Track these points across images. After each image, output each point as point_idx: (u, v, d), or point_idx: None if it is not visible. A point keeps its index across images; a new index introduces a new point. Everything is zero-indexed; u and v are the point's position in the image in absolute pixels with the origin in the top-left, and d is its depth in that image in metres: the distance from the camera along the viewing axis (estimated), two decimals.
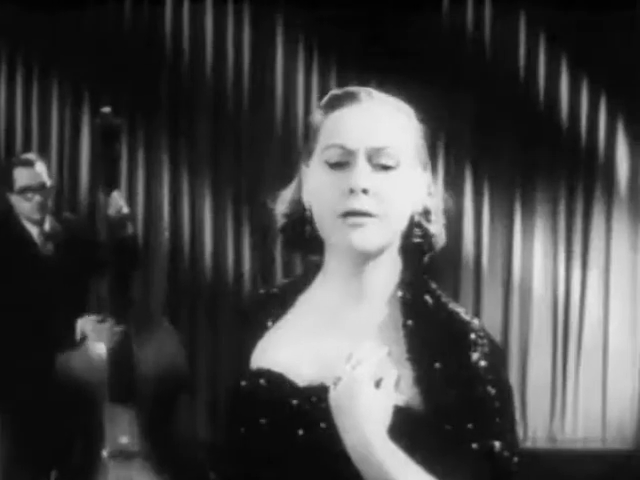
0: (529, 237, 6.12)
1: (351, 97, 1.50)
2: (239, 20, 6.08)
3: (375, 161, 1.46)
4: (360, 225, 1.44)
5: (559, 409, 6.09)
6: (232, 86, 6.08)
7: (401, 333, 1.47)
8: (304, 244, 1.57)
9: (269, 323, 1.58)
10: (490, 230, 6.14)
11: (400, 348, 1.46)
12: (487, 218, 6.14)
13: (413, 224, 1.52)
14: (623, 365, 6.07)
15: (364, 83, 1.60)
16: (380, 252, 1.49)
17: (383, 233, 1.46)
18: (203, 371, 5.92)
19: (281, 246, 1.59)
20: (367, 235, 1.45)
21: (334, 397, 1.41)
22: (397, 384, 1.41)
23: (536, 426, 6.08)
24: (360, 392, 1.39)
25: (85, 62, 5.96)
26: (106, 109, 3.71)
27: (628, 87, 5.98)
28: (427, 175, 1.54)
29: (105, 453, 3.55)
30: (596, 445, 6.06)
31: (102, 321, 3.71)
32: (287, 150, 6.00)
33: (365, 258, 1.48)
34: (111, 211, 3.74)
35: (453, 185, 5.81)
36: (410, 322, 1.48)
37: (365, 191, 1.44)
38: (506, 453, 1.41)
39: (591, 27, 5.98)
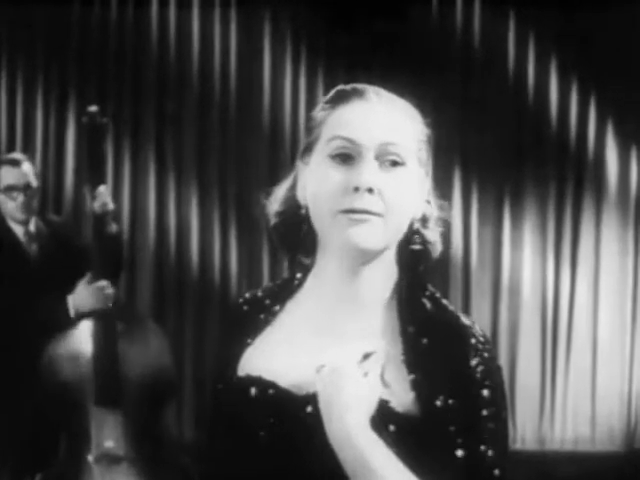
0: (518, 238, 6.11)
1: (359, 94, 1.46)
2: (226, 18, 6.05)
3: (382, 157, 1.42)
4: (361, 221, 1.40)
5: (548, 410, 6.08)
6: (219, 84, 6.05)
7: (398, 338, 1.44)
8: (296, 244, 1.53)
9: (255, 330, 1.53)
10: (479, 231, 6.12)
11: (397, 351, 1.43)
12: (476, 219, 6.12)
13: (412, 231, 1.48)
14: (612, 366, 6.07)
15: (352, 82, 1.55)
16: (379, 253, 1.45)
17: (384, 232, 1.42)
18: (190, 373, 5.88)
19: (273, 245, 1.55)
20: (368, 232, 1.40)
21: (319, 385, 1.39)
22: (382, 377, 1.39)
23: (525, 427, 6.06)
24: (344, 379, 1.37)
25: (71, 61, 5.93)
26: (93, 108, 3.70)
27: (618, 87, 5.97)
28: (428, 181, 1.51)
29: (90, 457, 3.51)
30: (585, 446, 6.05)
31: (93, 281, 3.69)
32: (274, 149, 5.99)
33: (362, 258, 1.44)
34: (96, 206, 3.72)
35: (441, 185, 5.79)
36: (409, 327, 1.44)
37: (370, 190, 1.40)
38: (495, 462, 1.39)
39: (581, 27, 5.96)
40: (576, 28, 5.97)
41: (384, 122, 1.43)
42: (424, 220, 1.50)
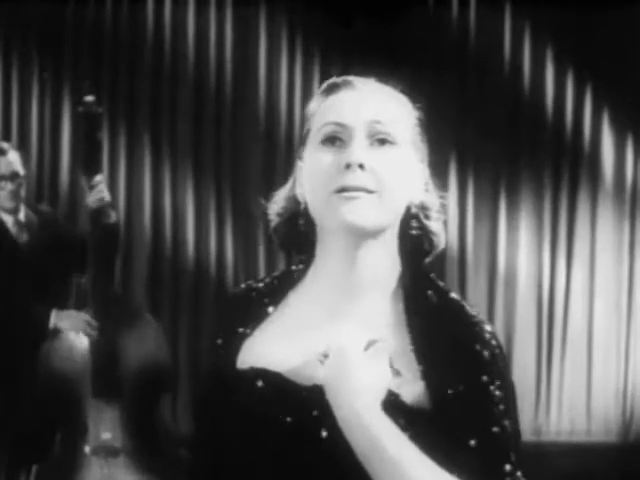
0: (514, 227, 6.11)
1: (347, 83, 1.48)
2: (221, 10, 6.03)
3: (373, 137, 1.42)
4: (354, 199, 1.39)
5: (544, 401, 6.09)
6: (214, 75, 6.03)
7: (405, 329, 1.44)
8: (296, 242, 1.52)
9: (253, 321, 1.51)
10: (475, 220, 6.12)
11: (405, 342, 1.42)
12: (472, 211, 6.12)
13: (410, 215, 1.48)
14: (608, 357, 6.08)
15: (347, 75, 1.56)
16: (376, 231, 1.43)
17: (379, 210, 1.41)
18: (185, 365, 5.87)
19: (269, 237, 1.55)
20: (362, 208, 1.39)
21: (325, 373, 1.37)
22: (392, 365, 1.38)
23: (521, 418, 6.04)
24: (350, 365, 1.36)
25: (66, 50, 5.91)
26: (89, 98, 3.70)
27: (613, 79, 5.97)
28: (424, 169, 1.50)
29: (87, 449, 3.51)
30: (581, 438, 6.06)
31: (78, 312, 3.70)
32: (269, 140, 5.98)
33: (360, 237, 1.43)
34: (93, 197, 3.71)
35: (438, 178, 5.77)
36: (414, 318, 1.44)
37: (362, 166, 1.39)
38: (509, 442, 1.41)
39: (576, 18, 5.96)
40: (572, 20, 5.96)
41: (372, 104, 1.45)
42: (425, 209, 1.49)
